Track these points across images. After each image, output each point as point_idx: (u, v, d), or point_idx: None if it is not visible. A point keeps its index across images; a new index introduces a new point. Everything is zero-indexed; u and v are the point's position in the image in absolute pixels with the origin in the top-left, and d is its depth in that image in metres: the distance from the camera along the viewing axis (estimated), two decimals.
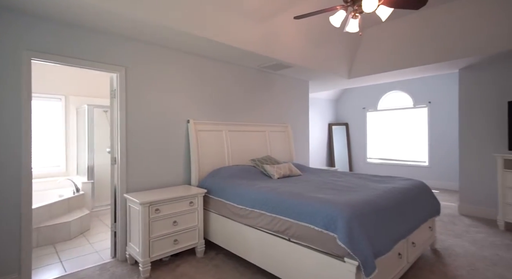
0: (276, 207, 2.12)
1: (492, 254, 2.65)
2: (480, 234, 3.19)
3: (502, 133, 3.69)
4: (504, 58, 3.54)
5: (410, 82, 6.21)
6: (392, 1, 2.17)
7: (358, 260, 1.58)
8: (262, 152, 3.86)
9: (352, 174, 3.21)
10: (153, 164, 2.84)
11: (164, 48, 2.94)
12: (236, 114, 3.71)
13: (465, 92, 4.01)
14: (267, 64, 3.68)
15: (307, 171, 3.56)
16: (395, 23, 3.83)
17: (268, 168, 3.14)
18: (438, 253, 2.70)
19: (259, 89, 4.02)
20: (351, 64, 4.51)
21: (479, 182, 3.88)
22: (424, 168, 6.07)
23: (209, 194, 2.81)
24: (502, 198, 3.32)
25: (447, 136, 5.70)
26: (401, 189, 2.39)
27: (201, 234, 2.69)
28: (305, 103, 4.83)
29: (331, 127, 7.27)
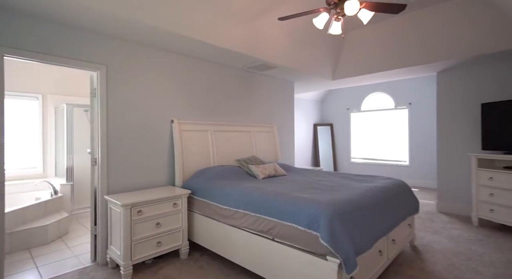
0: (260, 207, 2.13)
1: (467, 249, 2.78)
2: (456, 230, 3.33)
3: (476, 134, 3.87)
4: (478, 62, 3.72)
5: (392, 84, 6.40)
6: (373, 5, 2.23)
7: (340, 258, 1.61)
8: (248, 153, 3.87)
9: (335, 174, 3.26)
10: (135, 165, 2.78)
11: (147, 47, 2.89)
12: (221, 114, 3.69)
13: (443, 94, 4.18)
14: (253, 65, 3.68)
15: (292, 171, 3.59)
16: (376, 26, 3.93)
17: (253, 168, 3.14)
18: (417, 250, 2.79)
19: (244, 90, 4.02)
20: (335, 65, 4.60)
21: (455, 180, 4.05)
22: (404, 168, 6.27)
23: (194, 195, 2.78)
24: (476, 196, 3.48)
25: (426, 136, 5.92)
26: (382, 188, 2.45)
27: (185, 235, 2.66)
28: (290, 104, 4.87)
29: (316, 127, 7.37)
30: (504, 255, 2.63)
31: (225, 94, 3.73)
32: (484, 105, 3.60)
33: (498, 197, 3.24)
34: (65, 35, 2.36)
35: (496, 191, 3.26)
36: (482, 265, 2.43)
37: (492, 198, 3.30)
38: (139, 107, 2.82)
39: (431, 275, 2.29)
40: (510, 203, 3.12)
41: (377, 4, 2.23)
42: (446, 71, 4.14)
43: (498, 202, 3.24)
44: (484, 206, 3.40)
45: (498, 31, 3.11)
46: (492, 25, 3.13)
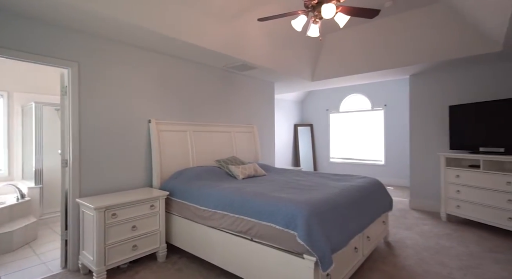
0: (239, 208, 2.12)
1: (435, 243, 2.93)
2: (426, 226, 3.51)
3: (445, 134, 4.10)
4: (447, 67, 3.94)
5: (368, 86, 6.63)
6: (349, 9, 2.30)
7: (316, 256, 1.64)
8: (228, 153, 3.85)
9: (314, 174, 3.33)
10: (110, 166, 2.68)
11: (123, 44, 2.79)
12: (201, 114, 3.64)
13: (415, 97, 4.39)
14: (233, 65, 3.67)
15: (272, 171, 3.62)
16: (354, 30, 4.05)
17: (233, 169, 3.13)
18: (391, 246, 2.91)
19: (225, 90, 4.00)
20: (314, 67, 4.69)
21: (427, 179, 4.27)
22: (380, 167, 6.52)
23: (172, 196, 2.72)
24: (444, 193, 3.68)
25: (400, 137, 6.18)
26: (358, 187, 2.53)
27: (163, 238, 2.60)
28: (271, 104, 4.91)
29: (296, 127, 7.47)
30: (468, 248, 2.81)
31: (205, 94, 3.69)
32: (451, 107, 3.81)
33: (464, 193, 3.45)
34: (34, 30, 2.23)
35: (462, 188, 3.47)
36: (449, 258, 2.58)
37: (458, 194, 3.51)
38: (114, 106, 2.72)
39: (403, 269, 2.39)
40: (474, 199, 3.33)
41: (352, 8, 2.30)
42: (417, 75, 4.35)
43: (464, 199, 3.44)
44: (451, 203, 3.61)
45: (464, 38, 3.31)
46: (459, 33, 3.32)
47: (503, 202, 3.05)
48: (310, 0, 2.22)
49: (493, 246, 2.85)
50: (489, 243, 2.93)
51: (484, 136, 3.44)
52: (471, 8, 2.91)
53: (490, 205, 3.17)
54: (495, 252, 2.71)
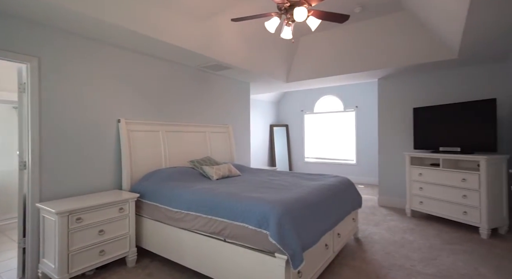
0: (212, 208, 2.11)
1: (400, 238, 3.11)
2: (393, 221, 3.70)
3: (410, 135, 4.35)
4: (411, 71, 4.19)
5: (341, 88, 6.87)
6: (320, 13, 2.37)
7: (287, 254, 1.67)
8: (202, 153, 3.80)
9: (288, 173, 3.38)
10: (75, 168, 2.53)
11: (90, 40, 2.65)
12: (174, 114, 3.56)
13: (383, 99, 4.62)
14: (207, 64, 3.63)
15: (247, 171, 3.63)
16: (326, 33, 4.18)
17: (207, 169, 3.10)
18: (360, 242, 3.04)
19: (199, 89, 3.94)
20: (288, 68, 4.77)
21: (393, 177, 4.51)
22: (352, 166, 6.78)
23: (143, 198, 2.63)
24: (409, 190, 3.91)
25: (371, 137, 6.47)
26: (329, 186, 2.62)
27: (133, 241, 2.51)
28: (246, 104, 4.92)
29: (272, 128, 7.55)
30: (428, 241, 3.01)
31: (178, 93, 3.61)
32: (415, 110, 4.06)
33: (426, 190, 3.69)
34: None
35: (425, 185, 3.71)
36: (412, 251, 2.75)
37: (421, 191, 3.75)
38: (80, 105, 2.58)
39: (371, 263, 2.51)
40: (435, 195, 3.58)
41: (323, 13, 2.37)
42: (385, 78, 4.58)
43: (426, 195, 3.68)
44: (415, 199, 3.84)
45: (425, 45, 3.55)
46: (421, 40, 3.55)
47: (459, 198, 3.31)
48: (283, 3, 2.26)
49: (450, 238, 3.08)
50: (447, 236, 3.16)
51: (444, 136, 3.71)
52: (431, 18, 3.12)
53: (448, 201, 3.42)
54: (452, 244, 2.93)
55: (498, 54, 3.35)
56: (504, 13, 2.28)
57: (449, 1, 2.46)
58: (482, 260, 2.54)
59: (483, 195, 3.08)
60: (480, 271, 2.34)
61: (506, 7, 2.18)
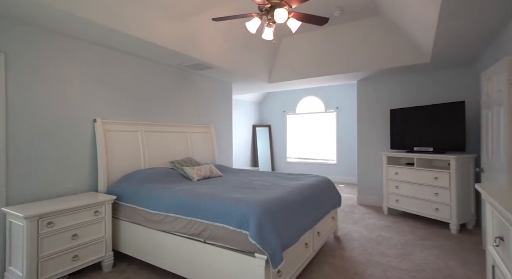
0: (192, 210, 2.08)
1: (377, 235, 3.22)
2: (371, 219, 3.83)
3: (387, 135, 4.52)
4: (388, 74, 4.35)
5: (322, 89, 7.01)
6: (300, 15, 2.40)
7: (267, 254, 1.68)
8: (183, 154, 3.74)
9: (269, 174, 3.41)
10: (47, 170, 2.41)
11: (64, 36, 2.53)
12: (154, 114, 3.48)
13: (362, 100, 4.76)
14: (188, 63, 3.58)
15: (229, 172, 3.62)
16: (307, 35, 4.25)
17: (187, 170, 3.05)
18: (339, 240, 3.11)
19: (180, 89, 3.88)
20: (271, 69, 4.80)
21: (372, 176, 4.66)
22: (333, 166, 6.93)
23: (120, 200, 2.55)
24: (385, 188, 4.06)
25: (351, 137, 6.65)
26: (309, 186, 2.66)
27: (109, 245, 2.42)
28: (228, 105, 4.89)
29: (255, 128, 7.57)
30: (403, 237, 3.13)
31: (159, 92, 3.53)
32: (391, 111, 4.22)
33: (401, 189, 3.84)
34: None
35: (400, 184, 3.86)
36: (388, 248, 2.85)
37: (397, 190, 3.90)
38: (51, 103, 2.46)
39: (349, 260, 2.58)
40: (409, 194, 3.73)
41: (304, 15, 2.41)
42: (364, 80, 4.72)
43: (402, 193, 3.84)
44: (392, 197, 3.99)
45: (400, 49, 3.70)
46: (396, 44, 3.70)
47: (431, 195, 3.47)
48: (264, 4, 2.27)
49: (423, 234, 3.22)
50: (420, 232, 3.31)
51: (418, 137, 3.88)
52: (406, 24, 3.26)
53: (422, 198, 3.58)
54: (425, 239, 3.07)
55: (467, 59, 3.55)
56: (471, 22, 2.42)
57: (421, 9, 2.58)
58: (451, 254, 2.68)
59: (453, 193, 3.25)
60: (449, 265, 2.47)
61: (473, 17, 2.32)
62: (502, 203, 0.87)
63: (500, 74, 2.33)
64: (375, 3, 3.34)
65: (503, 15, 2.31)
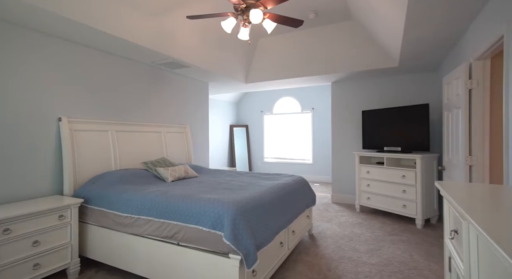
0: (165, 212, 2.02)
1: (350, 232, 3.33)
2: (344, 217, 3.96)
3: (360, 135, 4.70)
4: (361, 76, 4.53)
5: (298, 90, 7.14)
6: (275, 17, 2.43)
7: (241, 254, 1.68)
8: (158, 154, 3.63)
9: (246, 174, 3.41)
10: (5, 172, 2.23)
11: (24, 29, 2.36)
12: (127, 113, 3.35)
13: (336, 102, 4.91)
14: (162, 62, 3.49)
15: (205, 173, 3.57)
16: (283, 37, 4.31)
17: (161, 171, 2.97)
18: (314, 237, 3.18)
19: (155, 88, 3.76)
20: (248, 69, 4.81)
21: (345, 175, 4.82)
22: (308, 165, 7.08)
23: (88, 203, 2.42)
24: (358, 187, 4.22)
25: (326, 137, 6.83)
26: (284, 185, 2.69)
27: (75, 251, 2.29)
28: (205, 104, 4.83)
29: (232, 128, 7.54)
30: (374, 233, 3.27)
31: (132, 91, 3.40)
32: (363, 112, 4.40)
33: (372, 187, 4.01)
34: None
35: (372, 182, 4.03)
36: (359, 244, 2.96)
37: (369, 188, 4.07)
38: (12, 99, 2.28)
39: (323, 257, 2.65)
40: (380, 191, 3.91)
41: (279, 16, 2.44)
42: (338, 82, 4.88)
43: (373, 191, 4.01)
44: (363, 195, 4.16)
45: (371, 53, 3.86)
46: (367, 48, 3.86)
47: (399, 192, 3.67)
48: (239, 4, 2.27)
49: (391, 230, 3.39)
50: (389, 227, 3.48)
51: (387, 137, 4.08)
52: (375, 29, 3.41)
53: (391, 196, 3.77)
54: (393, 234, 3.23)
55: (431, 65, 3.79)
56: (434, 30, 2.59)
57: (389, 17, 2.71)
58: (416, 248, 2.85)
59: (418, 190, 3.46)
60: (414, 258, 2.62)
61: (435, 25, 2.48)
62: (455, 198, 0.94)
63: (458, 79, 2.52)
64: (347, 8, 3.46)
65: (461, 24, 2.49)
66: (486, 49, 2.09)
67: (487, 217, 0.77)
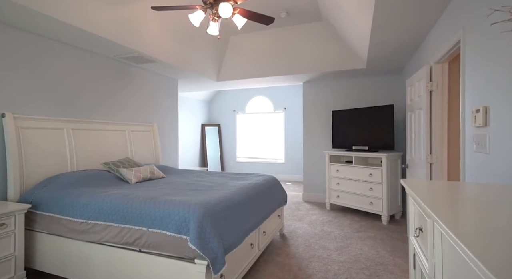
0: (125, 216, 1.87)
1: (320, 230, 3.37)
2: (314, 215, 4.00)
3: (330, 135, 4.79)
4: (331, 77, 4.62)
5: (271, 89, 7.15)
6: (246, 12, 2.36)
7: (208, 259, 1.59)
8: (121, 154, 3.40)
9: (216, 174, 3.30)
10: None
11: None
12: (86, 110, 3.08)
13: (307, 101, 4.97)
14: (127, 55, 3.26)
15: (173, 173, 3.41)
16: (255, 35, 4.26)
17: (124, 172, 2.77)
18: (285, 237, 3.17)
19: (120, 83, 3.52)
20: (219, 67, 4.69)
21: (316, 174, 4.89)
22: (281, 165, 7.13)
23: (37, 209, 2.18)
24: (328, 185, 4.30)
25: (298, 137, 6.91)
26: (255, 185, 2.64)
27: (21, 263, 2.04)
28: (174, 102, 4.63)
29: (204, 127, 7.36)
30: (342, 231, 3.34)
31: (92, 86, 3.14)
32: (333, 112, 4.49)
33: (342, 185, 4.11)
34: None
35: (341, 181, 4.12)
36: (329, 242, 3.00)
37: (338, 186, 4.16)
38: None
39: (294, 257, 2.63)
40: (349, 190, 4.01)
41: (249, 12, 2.37)
42: (309, 82, 4.94)
43: (342, 189, 4.10)
44: (333, 193, 4.24)
45: (340, 54, 3.95)
46: (337, 49, 3.94)
47: (366, 190, 3.79)
48: None
49: (359, 227, 3.49)
50: (357, 224, 3.57)
51: (355, 136, 4.20)
52: (345, 31, 3.48)
53: (359, 193, 3.88)
54: (361, 231, 3.32)
55: (396, 67, 3.96)
56: (398, 33, 2.69)
57: (357, 20, 2.77)
58: (382, 243, 2.95)
59: (384, 187, 3.59)
60: (380, 253, 2.70)
61: (400, 29, 2.57)
62: (421, 196, 0.94)
63: (420, 81, 2.64)
64: (318, 9, 3.49)
65: (423, 29, 2.61)
66: (445, 53, 2.21)
67: (450, 214, 0.77)
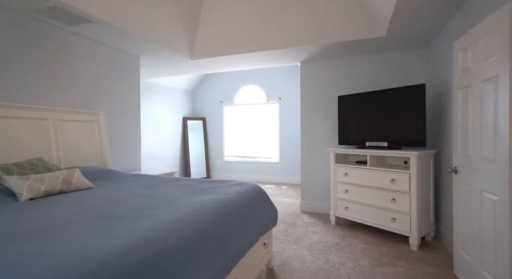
0: None
1: (325, 261, 2.36)
2: (316, 234, 2.99)
3: (335, 127, 3.77)
4: (336, 53, 3.59)
5: (263, 76, 6.12)
6: None
7: None
8: (39, 152, 2.36)
9: (175, 181, 2.28)
10: None
11: None
12: None
13: (306, 86, 3.94)
14: (41, 6, 2.22)
15: (116, 180, 2.38)
16: (238, 1, 3.23)
17: (13, 182, 1.73)
18: (274, 274, 2.16)
19: (43, 54, 2.49)
20: (193, 41, 3.65)
21: (317, 177, 3.88)
22: (275, 164, 6.11)
23: None
24: (333, 193, 3.29)
25: (294, 132, 5.88)
26: (222, 203, 1.62)
27: None
28: (134, 86, 3.59)
29: (186, 121, 6.32)
30: (358, 262, 2.33)
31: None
32: (340, 98, 3.48)
33: (352, 193, 3.10)
34: None
35: (351, 188, 3.11)
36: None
37: (347, 195, 3.15)
38: None
39: None
40: (361, 200, 3.01)
41: None
42: (308, 61, 3.91)
43: (352, 199, 3.10)
44: (340, 204, 3.23)
45: (350, 21, 2.94)
46: (345, 15, 2.93)
47: (387, 202, 2.78)
48: None
49: (379, 255, 2.48)
50: (376, 251, 2.56)
51: (370, 129, 3.18)
52: None
53: (376, 205, 2.87)
54: (382, 263, 2.31)
55: (424, 36, 2.95)
56: None
57: None
58: None
59: (413, 199, 2.58)
60: None
61: None
62: None
63: (491, 34, 1.62)
64: None
65: None
66: None
67: None
